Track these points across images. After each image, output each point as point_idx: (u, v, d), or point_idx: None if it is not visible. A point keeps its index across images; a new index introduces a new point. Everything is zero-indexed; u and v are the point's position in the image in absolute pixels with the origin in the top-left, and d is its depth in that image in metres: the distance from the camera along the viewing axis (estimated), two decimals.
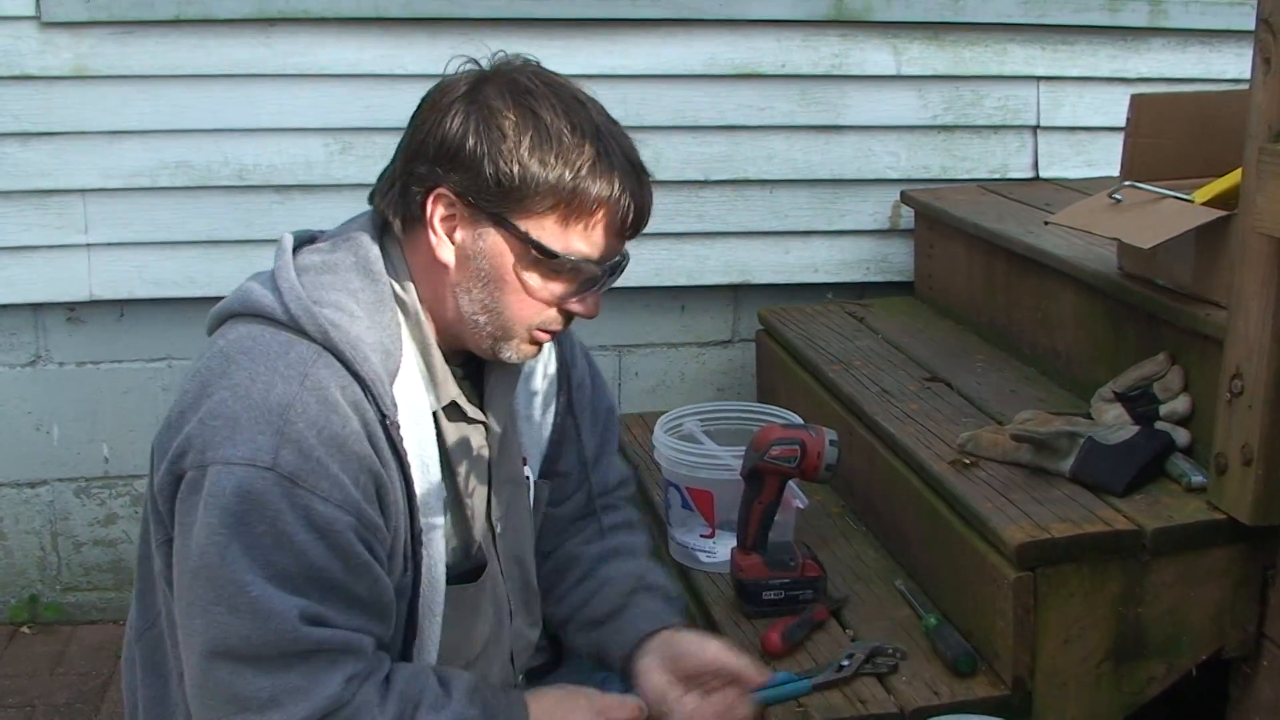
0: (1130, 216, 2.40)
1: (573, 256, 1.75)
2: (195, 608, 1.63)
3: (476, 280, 1.77)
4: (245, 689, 1.62)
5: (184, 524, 1.65)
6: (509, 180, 1.71)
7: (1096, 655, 2.14)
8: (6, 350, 3.42)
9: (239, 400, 1.63)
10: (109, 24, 3.22)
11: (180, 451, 1.65)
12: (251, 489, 1.60)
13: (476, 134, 1.72)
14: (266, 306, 1.71)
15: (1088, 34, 3.63)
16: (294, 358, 1.67)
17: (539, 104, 1.73)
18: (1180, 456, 2.31)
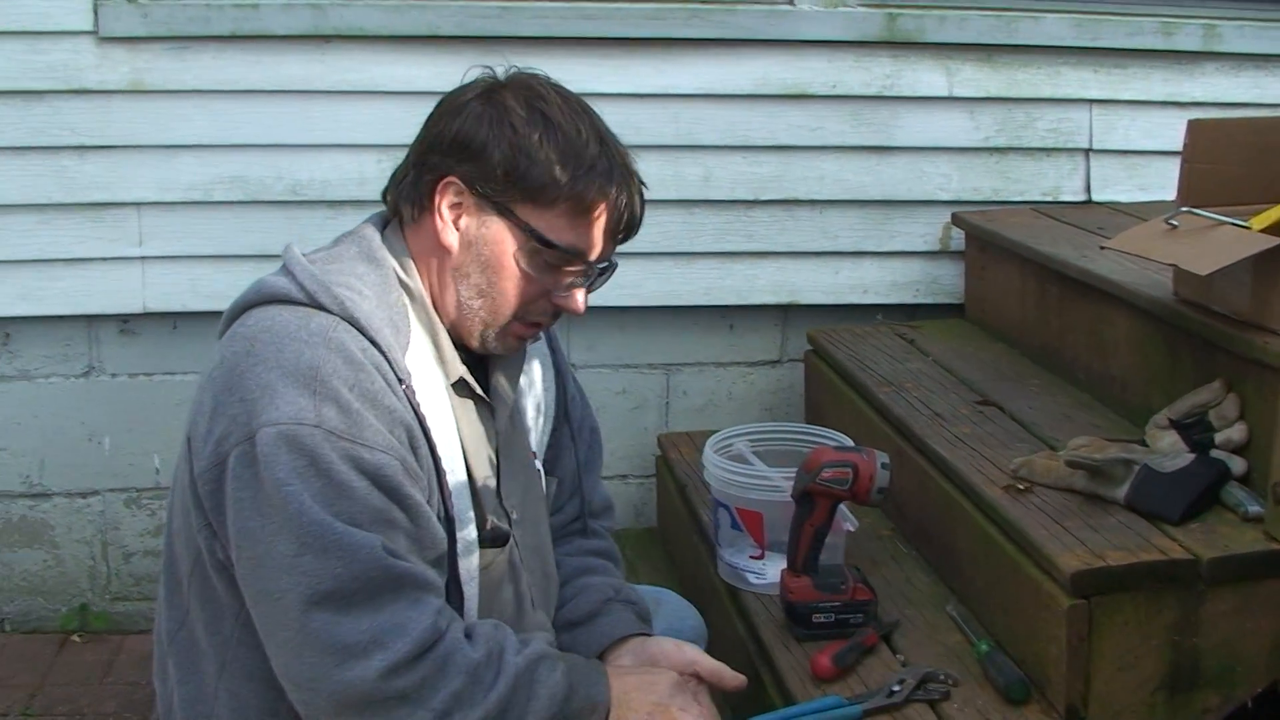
0: (1187, 242, 2.38)
1: (570, 250, 1.86)
2: (280, 567, 1.67)
3: (476, 265, 1.87)
4: (346, 634, 1.67)
5: (243, 498, 1.69)
6: (516, 173, 1.83)
7: (1150, 685, 2.12)
8: (61, 361, 3.45)
9: (270, 371, 1.71)
10: (166, 39, 3.25)
11: (224, 434, 1.70)
12: (303, 444, 1.67)
13: (489, 128, 1.84)
14: (282, 289, 1.80)
15: (1141, 57, 3.61)
16: (315, 326, 1.76)
17: (549, 107, 1.86)
18: (1236, 485, 2.29)
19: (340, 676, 1.67)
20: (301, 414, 1.68)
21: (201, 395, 1.77)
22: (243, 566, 1.72)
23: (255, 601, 1.72)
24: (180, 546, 1.84)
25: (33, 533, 3.52)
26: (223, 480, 1.71)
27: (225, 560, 1.76)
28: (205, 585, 1.81)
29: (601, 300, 3.34)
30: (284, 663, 1.71)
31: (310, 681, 1.69)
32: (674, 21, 3.41)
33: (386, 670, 1.68)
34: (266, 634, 1.73)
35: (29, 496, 3.51)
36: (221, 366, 1.75)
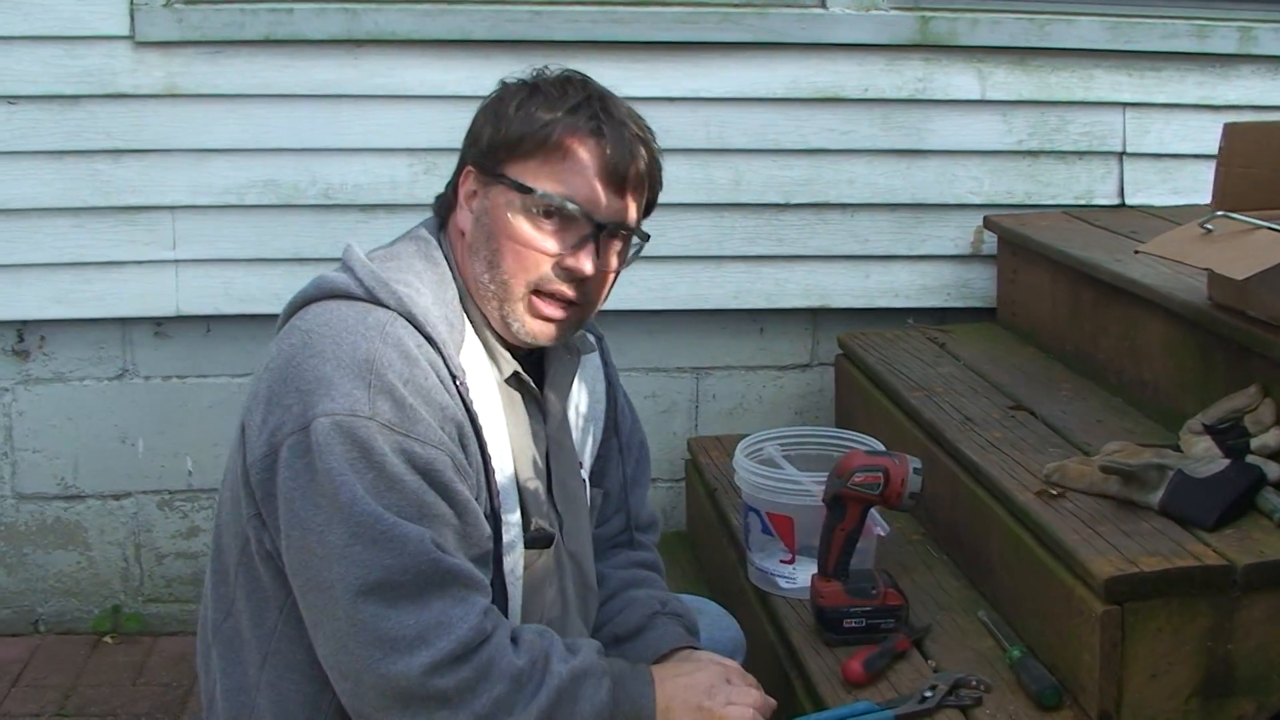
0: (1222, 247, 2.37)
1: (553, 196, 1.85)
2: (331, 556, 1.68)
3: (482, 236, 1.90)
4: (393, 627, 1.68)
5: (295, 487, 1.71)
6: (500, 135, 1.89)
7: (1184, 691, 2.11)
8: (95, 364, 3.47)
9: (326, 362, 1.73)
10: (200, 44, 3.27)
11: (278, 424, 1.73)
12: (357, 435, 1.69)
13: (488, 111, 1.93)
14: (342, 284, 1.82)
15: (1175, 60, 3.59)
16: (372, 320, 1.78)
17: (543, 82, 1.93)
18: (1271, 491, 2.27)
19: (384, 669, 1.68)
20: (356, 405, 1.70)
21: (257, 386, 1.79)
22: (292, 556, 1.73)
23: (304, 591, 1.73)
24: (229, 537, 1.85)
25: (66, 534, 3.55)
26: (275, 469, 1.72)
27: (273, 550, 1.77)
28: (251, 576, 1.82)
29: (631, 303, 3.39)
30: (330, 652, 1.72)
31: (355, 672, 1.70)
32: (705, 25, 3.41)
33: (430, 667, 1.68)
34: (314, 624, 1.74)
35: (63, 498, 3.53)
36: (278, 358, 1.77)
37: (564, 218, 1.87)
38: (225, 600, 1.86)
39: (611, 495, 2.24)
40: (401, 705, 1.70)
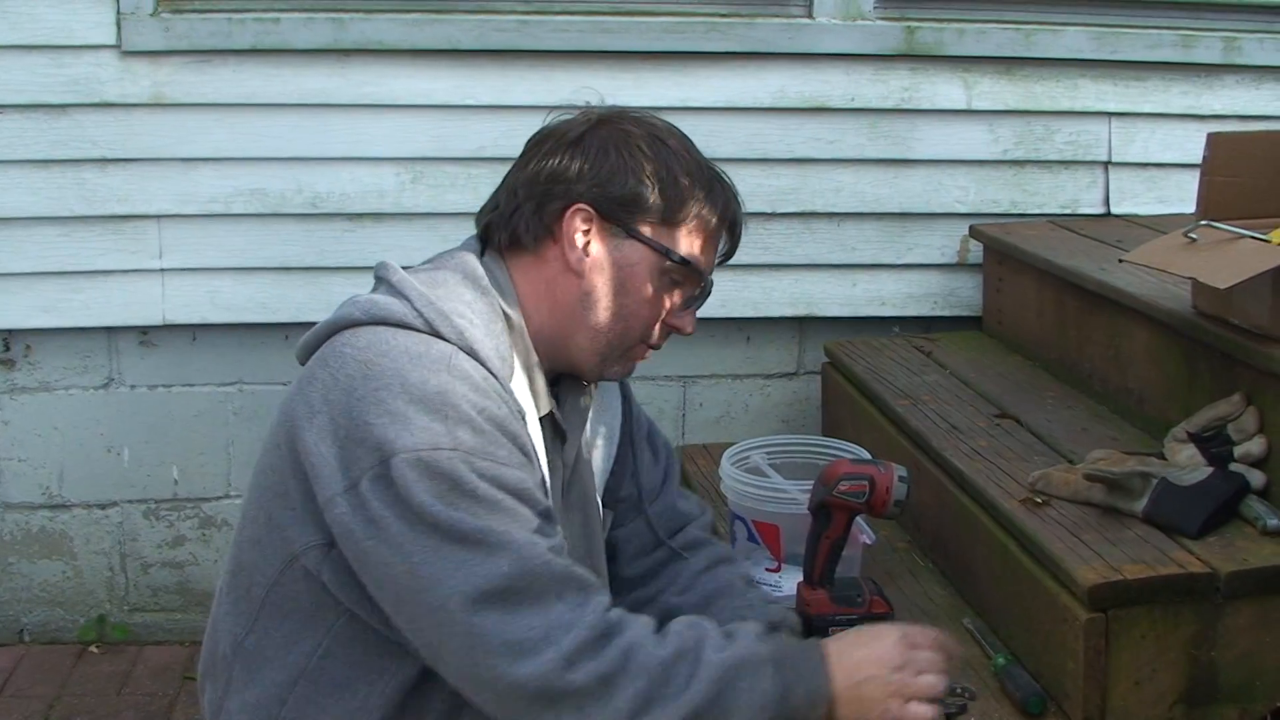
0: (1206, 256, 2.38)
1: (697, 267, 1.93)
2: (444, 570, 1.65)
3: (610, 287, 1.90)
4: (516, 632, 1.65)
5: (387, 520, 1.66)
6: (647, 194, 1.88)
7: (1168, 698, 2.11)
8: (80, 373, 3.47)
9: (396, 397, 1.69)
10: (187, 53, 3.27)
11: (352, 459, 1.68)
12: (442, 469, 1.66)
13: (616, 156, 1.89)
14: (397, 313, 1.79)
15: (1160, 70, 3.61)
16: (436, 353, 1.75)
17: (664, 134, 1.94)
18: (1255, 499, 2.28)
19: (516, 673, 1.65)
20: (437, 439, 1.67)
21: (312, 416, 1.73)
22: (390, 589, 1.69)
23: (414, 619, 1.69)
24: (256, 556, 1.81)
25: (51, 544, 3.54)
26: (358, 507, 1.68)
27: (333, 582, 1.74)
28: (288, 598, 1.78)
29: None
30: (459, 670, 1.69)
31: (489, 682, 1.67)
32: (693, 35, 3.41)
33: (561, 663, 1.65)
34: (433, 648, 1.70)
35: (48, 508, 3.52)
36: (336, 389, 1.72)
37: (684, 284, 1.94)
38: (246, 617, 1.83)
39: (629, 500, 2.20)
40: (543, 706, 1.66)
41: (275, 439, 1.81)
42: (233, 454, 3.54)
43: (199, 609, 3.58)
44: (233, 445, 3.53)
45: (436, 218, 3.41)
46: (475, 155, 3.39)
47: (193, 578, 3.58)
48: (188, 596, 3.58)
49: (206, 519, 3.56)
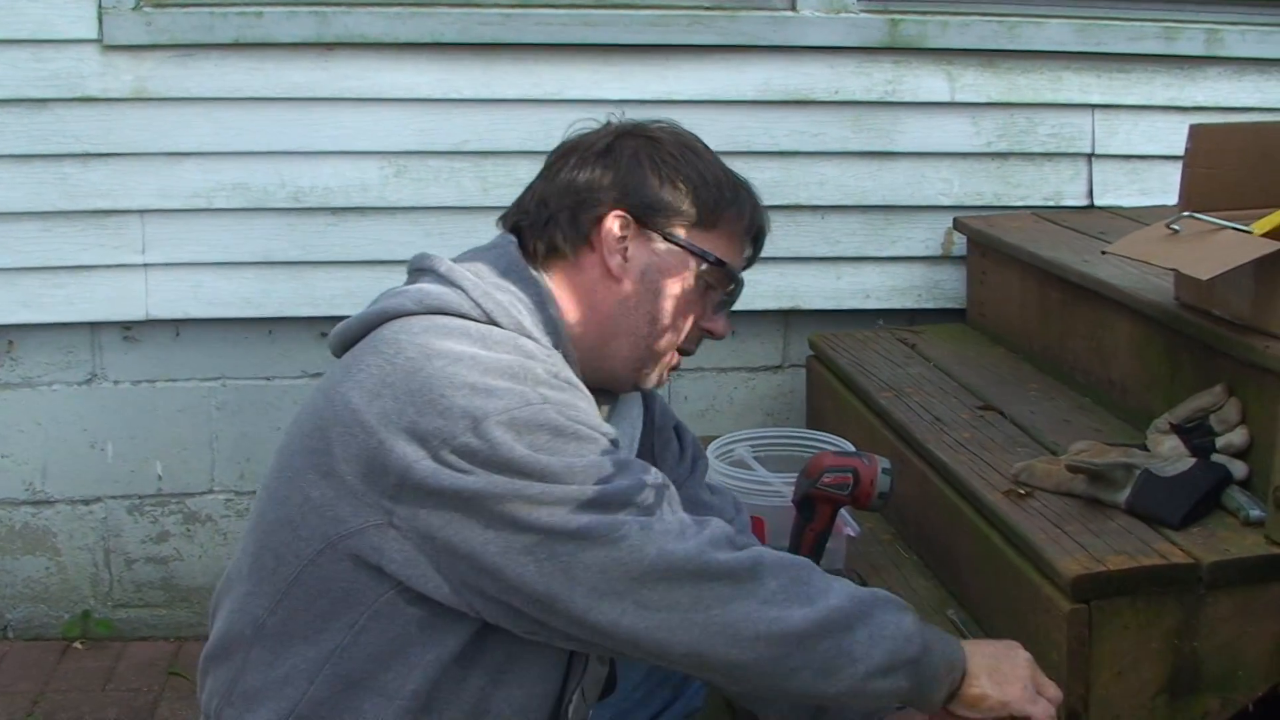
0: (1188, 247, 2.38)
1: (732, 269, 1.98)
2: (567, 495, 1.68)
3: (648, 292, 1.94)
4: (659, 523, 1.71)
5: (485, 487, 1.67)
6: (680, 200, 1.94)
7: (1151, 689, 2.12)
8: (64, 368, 3.46)
9: (471, 370, 1.72)
10: (169, 47, 3.26)
11: (433, 431, 1.69)
12: (538, 420, 1.70)
13: (650, 163, 1.94)
14: (453, 302, 1.82)
15: (1143, 62, 3.61)
16: (499, 335, 1.80)
17: (690, 141, 2.00)
18: (1237, 490, 2.29)
19: (670, 550, 1.68)
20: (526, 397, 1.71)
21: (372, 400, 1.73)
22: (501, 557, 1.69)
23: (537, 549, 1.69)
24: (289, 537, 1.79)
25: (35, 540, 3.53)
26: (447, 480, 1.69)
27: (402, 555, 1.73)
28: (326, 578, 1.77)
29: None
30: (597, 570, 1.69)
31: (635, 567, 1.68)
32: (676, 28, 3.41)
33: (708, 544, 1.71)
34: (563, 567, 1.69)
35: (31, 504, 3.51)
36: (395, 372, 1.74)
37: (716, 288, 1.99)
38: (269, 598, 1.82)
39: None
40: (696, 582, 1.69)
41: (313, 424, 1.80)
42: (216, 449, 3.53)
43: (183, 605, 3.58)
44: (216, 440, 3.52)
45: (420, 212, 3.41)
46: (459, 149, 3.39)
47: (177, 573, 3.57)
48: (172, 592, 3.58)
49: (190, 514, 3.55)
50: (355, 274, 3.41)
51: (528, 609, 1.73)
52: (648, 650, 1.72)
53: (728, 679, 1.77)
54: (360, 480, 1.73)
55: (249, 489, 3.55)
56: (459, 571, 1.73)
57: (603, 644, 1.75)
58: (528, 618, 1.74)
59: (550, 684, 1.86)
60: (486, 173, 3.41)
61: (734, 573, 1.70)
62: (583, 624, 1.71)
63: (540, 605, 1.71)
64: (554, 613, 1.71)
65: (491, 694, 1.81)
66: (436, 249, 3.38)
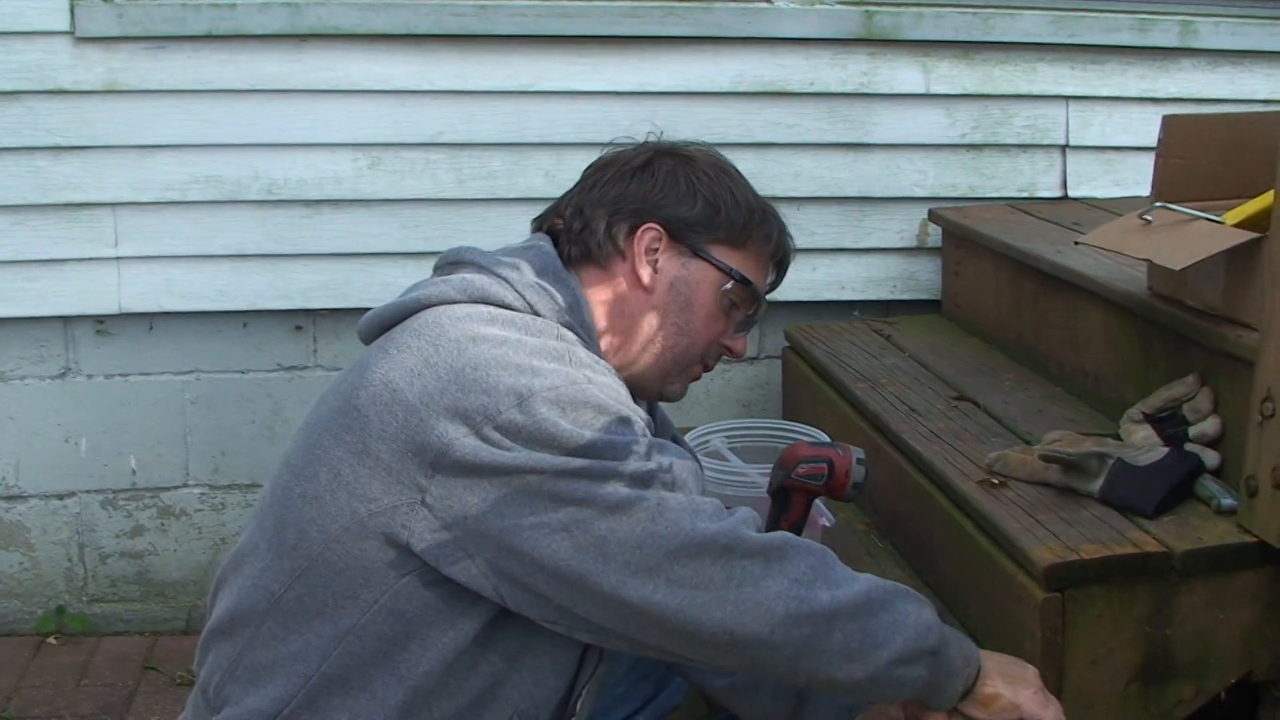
0: (1161, 237, 2.39)
1: (757, 288, 2.05)
2: (609, 470, 1.71)
3: (677, 304, 2.01)
4: (695, 503, 1.73)
5: (542, 457, 1.70)
6: (715, 218, 2.01)
7: (1124, 677, 2.13)
8: (37, 362, 3.44)
9: (517, 352, 1.77)
10: (142, 39, 3.24)
11: (476, 408, 1.72)
12: (580, 397, 1.74)
13: (685, 179, 2.01)
14: (495, 293, 1.88)
15: (1117, 54, 3.63)
16: (542, 325, 1.86)
17: (724, 163, 2.08)
18: (1210, 478, 2.30)
19: (702, 528, 1.70)
20: (570, 375, 1.76)
21: (413, 379, 1.76)
22: (542, 539, 1.70)
23: (575, 527, 1.71)
24: (314, 513, 1.80)
25: (8, 535, 3.51)
26: (486, 455, 1.71)
27: (431, 535, 1.74)
28: (349, 555, 1.78)
29: None
30: (631, 541, 1.70)
31: (670, 540, 1.70)
32: (650, 20, 3.41)
33: (739, 524, 1.74)
34: (598, 542, 1.70)
35: (4, 499, 3.49)
36: (438, 354, 1.77)
37: (740, 307, 2.06)
38: (287, 574, 1.82)
39: None
40: (727, 558, 1.70)
41: (346, 403, 1.81)
42: (191, 443, 3.52)
43: (158, 599, 3.57)
44: (191, 434, 3.51)
45: (395, 204, 3.40)
46: (434, 141, 3.39)
47: (152, 568, 3.56)
48: (147, 587, 3.56)
49: (165, 509, 3.54)
50: (330, 266, 3.41)
51: (555, 592, 1.73)
52: (676, 630, 1.71)
53: (753, 661, 1.75)
54: (396, 458, 1.75)
55: (223, 483, 3.54)
56: (488, 553, 1.73)
57: (627, 629, 1.74)
58: (553, 604, 1.74)
59: (563, 677, 1.87)
60: (462, 164, 3.40)
61: (765, 551, 1.72)
62: (614, 602, 1.70)
63: (570, 586, 1.71)
64: (585, 592, 1.71)
65: (503, 680, 1.82)
66: (412, 242, 3.45)
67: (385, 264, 3.41)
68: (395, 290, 2.00)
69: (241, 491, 3.56)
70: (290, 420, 3.50)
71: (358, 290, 3.41)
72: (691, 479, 1.79)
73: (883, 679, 1.76)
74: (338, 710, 1.79)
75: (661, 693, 2.38)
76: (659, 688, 2.37)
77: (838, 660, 1.74)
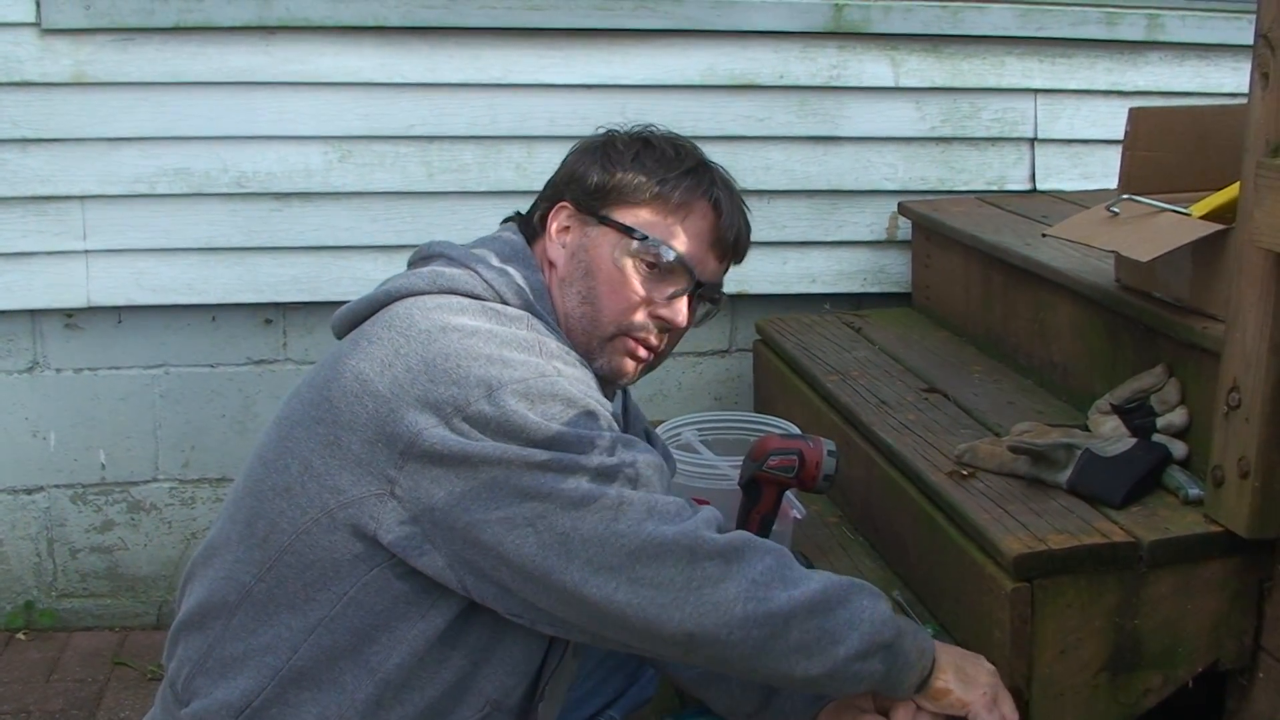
0: (1128, 229, 2.41)
1: (657, 243, 1.98)
2: (576, 464, 1.72)
3: (579, 271, 1.99)
4: (656, 502, 1.74)
5: (499, 456, 1.71)
6: (611, 180, 2.00)
7: (1093, 666, 2.14)
8: (4, 356, 3.41)
9: (488, 343, 1.78)
10: (109, 31, 3.22)
11: (446, 399, 1.73)
12: (551, 390, 1.75)
13: (594, 154, 2.04)
14: (465, 282, 1.89)
15: (1085, 47, 3.65)
16: (512, 313, 1.88)
17: (652, 137, 2.06)
18: (1177, 469, 2.31)
19: (662, 530, 1.72)
20: (540, 368, 1.77)
21: (384, 370, 1.77)
22: (503, 507, 1.71)
23: (541, 520, 1.71)
24: (285, 504, 1.81)
25: None
26: (454, 445, 1.71)
27: (398, 526, 1.75)
28: (319, 546, 1.79)
29: None
30: (594, 539, 1.71)
31: (629, 540, 1.71)
32: (621, 12, 3.40)
33: (702, 524, 1.75)
34: (563, 540, 1.71)
35: None
36: (408, 344, 1.78)
37: (665, 269, 1.99)
38: (258, 565, 1.82)
39: None
40: (687, 560, 1.71)
41: (318, 395, 1.82)
42: (160, 437, 3.50)
43: (128, 594, 3.55)
44: (160, 428, 3.50)
45: (365, 197, 3.39)
46: (404, 134, 3.38)
47: (122, 562, 3.54)
48: (117, 582, 3.55)
49: (135, 503, 3.52)
50: (300, 260, 3.39)
51: (519, 586, 1.74)
52: (636, 628, 1.73)
53: (712, 659, 1.78)
54: (366, 449, 1.76)
55: (193, 477, 3.53)
56: (454, 545, 1.74)
57: (589, 625, 1.76)
58: (517, 597, 1.75)
59: (532, 663, 1.88)
60: (432, 157, 3.40)
61: (725, 553, 1.74)
62: (575, 599, 1.71)
63: (533, 581, 1.72)
64: (547, 588, 1.72)
65: (473, 672, 1.83)
66: (382, 235, 3.44)
67: (356, 257, 3.41)
68: (365, 283, 2.00)
69: (211, 486, 3.54)
70: (260, 414, 3.49)
71: (328, 284, 3.40)
72: (656, 476, 1.79)
73: (840, 674, 1.79)
74: (307, 703, 1.79)
75: (633, 685, 2.38)
76: (631, 681, 2.38)
77: (795, 658, 1.76)
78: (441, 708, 1.82)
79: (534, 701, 1.92)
